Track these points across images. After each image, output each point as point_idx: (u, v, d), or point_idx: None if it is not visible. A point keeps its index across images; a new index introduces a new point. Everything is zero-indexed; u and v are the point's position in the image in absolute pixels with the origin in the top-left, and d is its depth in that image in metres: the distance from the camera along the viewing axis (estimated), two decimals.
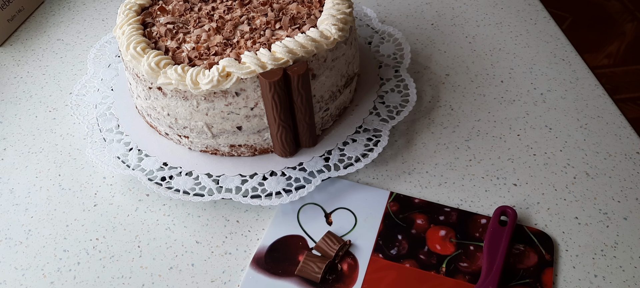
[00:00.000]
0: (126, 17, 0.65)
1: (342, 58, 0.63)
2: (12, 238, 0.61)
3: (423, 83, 0.74)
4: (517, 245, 0.56)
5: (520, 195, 0.60)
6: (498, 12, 0.84)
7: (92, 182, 0.66)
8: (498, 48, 0.78)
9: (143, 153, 0.65)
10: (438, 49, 0.79)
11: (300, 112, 0.60)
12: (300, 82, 0.57)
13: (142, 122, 0.69)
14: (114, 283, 0.57)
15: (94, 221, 0.62)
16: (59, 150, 0.70)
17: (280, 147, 0.63)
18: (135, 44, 0.61)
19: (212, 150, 0.64)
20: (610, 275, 0.54)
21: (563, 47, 0.77)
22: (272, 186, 0.61)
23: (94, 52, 0.80)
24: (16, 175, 0.68)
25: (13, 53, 0.85)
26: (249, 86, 0.57)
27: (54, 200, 0.65)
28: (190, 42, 0.62)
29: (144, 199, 0.64)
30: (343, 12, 0.62)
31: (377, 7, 0.86)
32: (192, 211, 0.62)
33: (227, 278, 0.56)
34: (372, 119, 0.67)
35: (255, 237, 0.59)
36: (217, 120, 0.60)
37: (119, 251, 0.59)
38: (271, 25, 0.63)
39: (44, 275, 0.58)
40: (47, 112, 0.75)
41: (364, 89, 0.70)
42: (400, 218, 0.59)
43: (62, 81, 0.80)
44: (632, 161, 0.62)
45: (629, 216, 0.58)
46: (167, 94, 0.59)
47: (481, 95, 0.72)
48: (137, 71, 0.61)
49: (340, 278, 0.55)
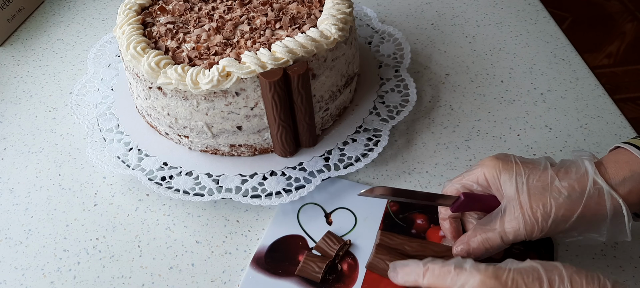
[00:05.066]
0: (126, 17, 0.65)
1: (342, 58, 0.63)
2: (12, 238, 0.61)
3: (423, 83, 0.74)
4: (517, 245, 0.56)
5: None
6: (498, 12, 0.84)
7: (92, 181, 0.66)
8: (498, 48, 0.78)
9: (143, 153, 0.65)
10: (438, 49, 0.79)
11: (300, 112, 0.60)
12: (300, 81, 0.57)
13: (142, 122, 0.69)
14: (114, 283, 0.57)
15: (94, 221, 0.62)
16: (59, 150, 0.70)
17: (280, 147, 0.63)
18: (136, 43, 0.61)
19: (212, 150, 0.64)
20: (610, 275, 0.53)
21: (563, 47, 0.77)
22: (272, 186, 0.61)
23: (94, 52, 0.80)
24: (16, 174, 0.68)
25: (13, 53, 0.85)
26: (249, 86, 0.57)
27: (54, 199, 0.65)
28: (190, 42, 0.62)
29: (144, 199, 0.64)
30: (343, 11, 0.62)
31: (377, 7, 0.86)
32: (192, 211, 0.62)
33: (227, 278, 0.56)
34: (372, 119, 0.67)
35: (255, 236, 0.59)
36: (217, 120, 0.60)
37: (119, 251, 0.59)
38: (271, 25, 0.63)
39: (44, 275, 0.58)
40: (47, 112, 0.75)
41: (364, 89, 0.70)
42: (400, 218, 0.59)
43: (62, 81, 0.80)
44: None
45: None
46: (167, 93, 0.60)
47: (481, 95, 0.72)
48: (137, 71, 0.61)
49: (340, 278, 0.55)
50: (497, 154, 0.49)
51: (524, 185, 0.45)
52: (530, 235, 0.45)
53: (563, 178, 0.45)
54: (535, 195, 0.45)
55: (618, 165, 0.45)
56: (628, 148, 0.46)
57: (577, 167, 0.46)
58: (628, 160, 0.45)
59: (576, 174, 0.45)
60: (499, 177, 0.47)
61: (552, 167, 0.47)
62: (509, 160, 0.47)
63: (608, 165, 0.45)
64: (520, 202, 0.45)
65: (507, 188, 0.46)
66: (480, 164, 0.50)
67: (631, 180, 0.44)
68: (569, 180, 0.45)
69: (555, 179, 0.45)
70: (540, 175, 0.46)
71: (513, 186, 0.46)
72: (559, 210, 0.44)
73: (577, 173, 0.45)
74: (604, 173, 0.45)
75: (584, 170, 0.45)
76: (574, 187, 0.44)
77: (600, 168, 0.46)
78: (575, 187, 0.44)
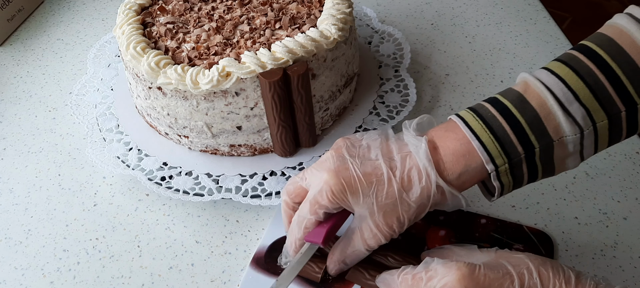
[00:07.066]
0: (126, 17, 0.65)
1: (342, 58, 0.63)
2: (11, 238, 0.61)
3: (423, 83, 0.74)
4: (517, 245, 0.56)
5: (519, 195, 0.60)
6: (498, 11, 0.84)
7: (91, 181, 0.66)
8: (498, 48, 0.78)
9: (143, 153, 0.65)
10: (438, 49, 0.79)
11: (300, 111, 0.60)
12: (300, 81, 0.57)
13: (142, 122, 0.69)
14: (113, 283, 0.57)
15: (94, 221, 0.62)
16: (58, 150, 0.70)
17: (280, 147, 0.63)
18: (135, 43, 0.61)
19: (212, 150, 0.64)
20: (610, 275, 0.54)
21: (563, 47, 0.77)
22: (272, 186, 0.61)
23: (94, 52, 0.80)
24: (16, 175, 0.68)
25: (13, 53, 0.85)
26: (248, 86, 0.57)
27: (54, 199, 0.65)
28: (190, 42, 0.62)
29: (144, 199, 0.64)
30: (343, 11, 0.62)
31: (377, 7, 0.86)
32: (192, 211, 0.62)
33: (227, 278, 0.56)
34: (372, 119, 0.67)
35: (255, 236, 0.59)
36: (216, 120, 0.60)
37: (118, 251, 0.59)
38: (271, 25, 0.63)
39: (43, 275, 0.58)
40: (46, 112, 0.75)
41: (363, 89, 0.70)
42: None
43: (62, 81, 0.80)
44: (632, 161, 0.62)
45: (628, 216, 0.58)
46: (167, 93, 0.59)
47: (481, 95, 0.72)
48: (137, 71, 0.61)
49: (340, 279, 0.55)
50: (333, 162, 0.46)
51: (374, 205, 0.46)
52: (389, 239, 0.47)
53: (408, 188, 0.46)
54: (387, 213, 0.46)
55: (455, 158, 0.45)
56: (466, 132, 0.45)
57: (419, 172, 0.45)
58: (464, 151, 0.45)
59: (420, 183, 0.45)
60: (346, 198, 0.46)
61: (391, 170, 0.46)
62: (351, 176, 0.46)
63: (445, 158, 0.46)
64: (375, 221, 0.46)
65: (359, 209, 0.46)
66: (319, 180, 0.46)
67: (466, 174, 0.45)
68: (415, 192, 0.45)
69: (402, 193, 0.45)
70: (387, 191, 0.45)
71: (365, 208, 0.46)
72: (410, 217, 0.46)
73: (420, 183, 0.45)
74: (442, 170, 0.46)
75: (426, 176, 0.45)
76: (422, 196, 0.45)
77: (438, 162, 0.46)
78: (422, 196, 0.45)
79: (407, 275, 0.45)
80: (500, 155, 0.44)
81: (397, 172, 0.46)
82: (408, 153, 0.46)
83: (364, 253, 0.49)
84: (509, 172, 0.45)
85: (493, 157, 0.44)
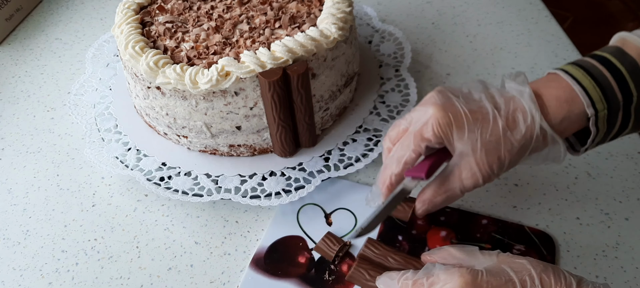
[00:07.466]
0: (125, 16, 0.64)
1: (342, 57, 0.63)
2: (10, 239, 0.61)
3: (424, 82, 0.74)
4: (518, 246, 0.55)
5: (521, 195, 0.60)
6: (499, 11, 0.83)
7: (90, 182, 0.66)
8: (499, 47, 0.78)
9: (141, 153, 0.65)
10: (439, 48, 0.78)
11: (299, 111, 0.60)
12: (300, 81, 0.57)
13: (141, 122, 0.68)
14: (112, 284, 0.56)
15: (93, 221, 0.62)
16: (57, 150, 0.70)
17: (279, 147, 0.62)
18: (134, 43, 0.60)
19: (211, 150, 0.64)
20: (612, 275, 0.53)
21: (564, 46, 0.77)
22: (272, 186, 0.61)
23: (93, 52, 0.79)
24: (14, 175, 0.68)
25: (11, 52, 0.85)
26: (248, 86, 0.57)
27: (52, 200, 0.64)
28: (189, 41, 0.62)
29: (143, 199, 0.63)
30: (343, 11, 0.61)
31: (377, 6, 0.86)
32: (191, 211, 0.62)
33: (226, 279, 0.56)
34: (373, 119, 0.67)
35: (254, 237, 0.59)
36: (216, 120, 0.60)
37: (117, 251, 0.59)
38: (271, 24, 0.62)
39: (42, 276, 0.58)
40: (45, 112, 0.75)
41: (364, 89, 0.70)
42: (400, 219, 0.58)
43: (60, 80, 0.80)
44: (634, 161, 0.62)
45: (630, 216, 0.57)
46: (166, 93, 0.59)
47: None
48: (135, 70, 0.60)
49: (340, 279, 0.54)
50: (439, 98, 0.47)
51: (478, 142, 0.46)
52: (486, 183, 0.47)
53: (513, 128, 0.46)
54: (489, 151, 0.46)
55: (558, 103, 0.46)
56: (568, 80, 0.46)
57: (524, 113, 0.46)
58: (567, 97, 0.46)
59: (524, 123, 0.46)
60: (451, 133, 0.46)
61: (496, 109, 0.46)
62: (457, 110, 0.46)
63: (549, 103, 0.46)
64: (476, 159, 0.46)
65: (461, 145, 0.46)
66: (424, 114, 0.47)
67: (567, 120, 0.46)
68: (519, 131, 0.46)
69: (507, 131, 0.46)
70: (492, 129, 0.46)
71: (468, 144, 0.46)
72: (512, 159, 0.46)
73: (525, 122, 0.46)
74: (546, 114, 0.46)
75: (531, 117, 0.46)
76: (525, 137, 0.46)
77: (542, 106, 0.46)
78: (526, 137, 0.46)
79: (407, 280, 0.44)
80: (600, 101, 0.45)
81: (501, 111, 0.46)
82: (512, 97, 0.47)
83: (457, 195, 0.48)
84: (606, 119, 0.46)
85: (594, 102, 0.45)
